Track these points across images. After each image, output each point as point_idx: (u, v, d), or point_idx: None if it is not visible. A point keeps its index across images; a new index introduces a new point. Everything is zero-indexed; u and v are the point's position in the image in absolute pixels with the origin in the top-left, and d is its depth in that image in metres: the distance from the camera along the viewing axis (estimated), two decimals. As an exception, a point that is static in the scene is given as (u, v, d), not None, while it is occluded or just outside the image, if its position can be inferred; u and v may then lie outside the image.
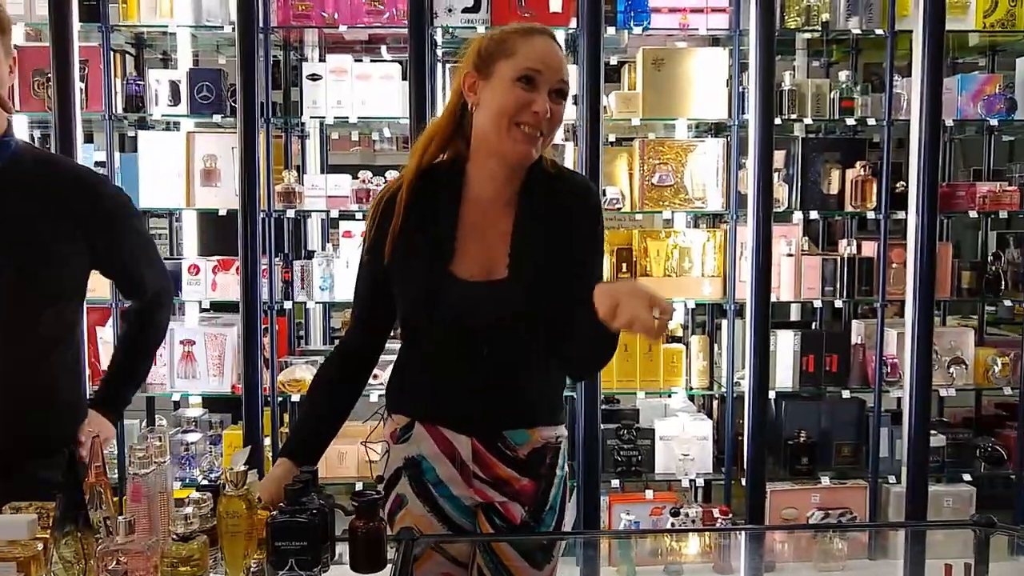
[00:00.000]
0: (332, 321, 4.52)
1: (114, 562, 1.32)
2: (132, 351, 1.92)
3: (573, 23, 3.35)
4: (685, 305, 3.70)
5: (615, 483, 3.50)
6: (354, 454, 3.35)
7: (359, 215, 3.38)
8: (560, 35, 3.53)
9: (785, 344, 3.55)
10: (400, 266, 1.65)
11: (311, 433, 1.74)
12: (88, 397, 1.89)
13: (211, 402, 3.72)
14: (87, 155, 3.31)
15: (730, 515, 3.38)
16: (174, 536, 1.33)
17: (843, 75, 3.49)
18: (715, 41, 3.65)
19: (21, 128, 3.55)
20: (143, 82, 3.42)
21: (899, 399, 3.52)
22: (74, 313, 1.78)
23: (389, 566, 1.45)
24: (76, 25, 3.09)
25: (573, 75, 3.36)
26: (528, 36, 1.61)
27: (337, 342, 1.83)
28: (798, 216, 3.57)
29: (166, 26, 3.39)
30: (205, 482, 3.31)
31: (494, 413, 1.68)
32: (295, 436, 1.79)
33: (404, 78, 3.41)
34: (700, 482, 3.59)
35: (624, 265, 3.45)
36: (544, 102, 1.58)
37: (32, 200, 1.64)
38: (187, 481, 3.33)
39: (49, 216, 1.64)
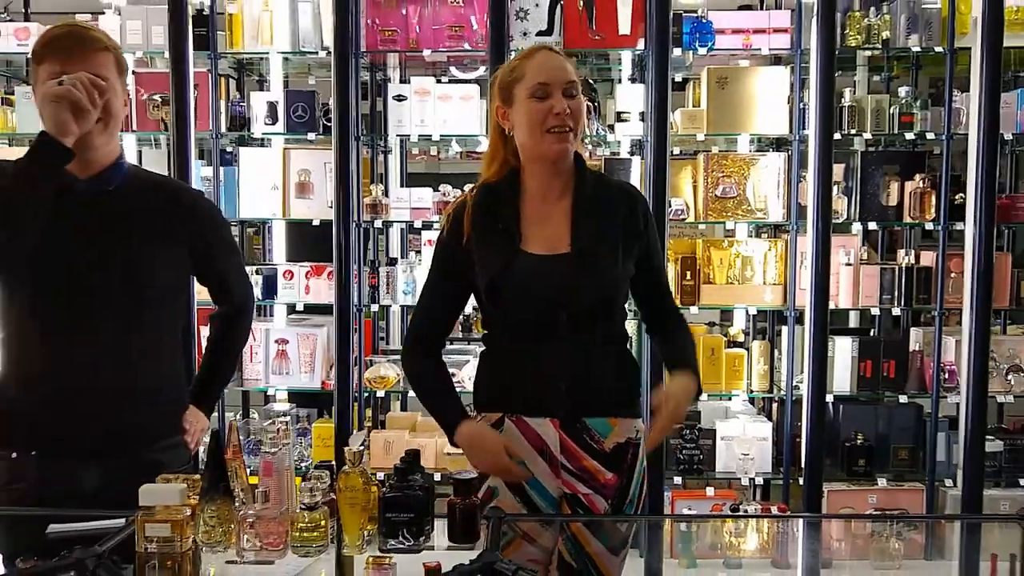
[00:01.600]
0: (408, 321, 4.74)
1: (253, 526, 1.51)
2: (220, 352, 2.07)
3: (641, 44, 3.48)
4: (747, 312, 3.79)
5: (677, 480, 3.61)
6: (432, 447, 3.53)
7: (439, 225, 3.57)
8: (627, 56, 3.68)
9: (843, 350, 3.61)
10: (479, 254, 1.84)
11: (455, 397, 1.93)
12: None
13: (298, 397, 3.95)
14: (196, 171, 3.56)
15: (788, 513, 3.45)
16: (302, 505, 1.52)
17: (903, 91, 3.55)
18: (777, 60, 3.73)
19: (133, 146, 3.84)
20: (245, 103, 3.67)
21: (956, 405, 3.55)
22: (177, 315, 1.97)
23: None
24: (191, 54, 3.34)
25: (640, 94, 3.51)
26: (530, 57, 1.84)
27: (408, 337, 2.01)
28: (857, 227, 3.64)
29: (267, 52, 3.63)
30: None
31: (574, 394, 1.82)
32: (455, 402, 1.92)
33: (482, 97, 3.60)
34: (759, 481, 3.68)
35: (688, 273, 3.56)
36: (560, 102, 1.79)
37: (141, 215, 1.82)
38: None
39: (155, 229, 1.82)
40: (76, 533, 1.63)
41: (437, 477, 3.52)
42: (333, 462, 1.70)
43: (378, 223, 3.63)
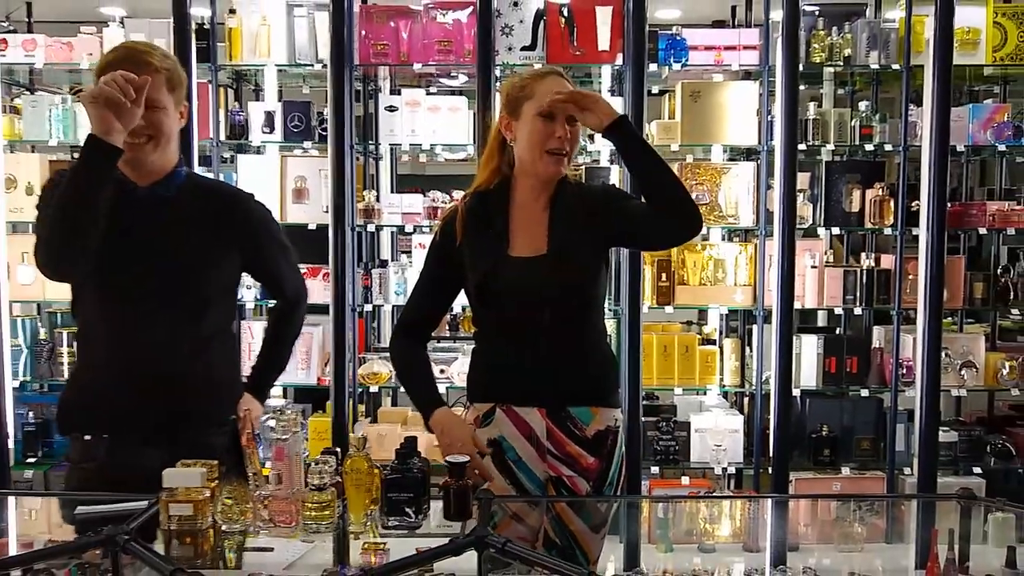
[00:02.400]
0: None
1: (266, 506, 1.65)
2: (274, 344, 2.19)
3: (619, 59, 3.63)
4: (719, 311, 3.96)
5: (655, 470, 3.77)
6: (423, 439, 3.65)
7: (429, 229, 3.72)
8: (607, 70, 3.83)
9: (809, 347, 3.79)
10: (470, 256, 1.99)
11: (434, 385, 2.10)
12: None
13: (293, 392, 4.07)
14: (198, 177, 3.67)
15: (756, 494, 3.61)
16: (311, 487, 1.66)
17: (863, 105, 3.73)
18: (747, 75, 3.90)
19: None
20: (244, 113, 3.80)
21: (914, 398, 3.73)
22: (229, 309, 2.09)
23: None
24: (195, 66, 3.46)
25: (619, 106, 3.65)
26: (542, 80, 1.95)
27: (398, 324, 2.18)
28: (823, 232, 3.81)
29: (265, 64, 3.75)
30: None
31: (559, 385, 1.98)
32: (431, 388, 2.10)
33: (469, 108, 3.74)
34: (732, 470, 3.84)
35: (663, 275, 3.72)
36: (562, 128, 1.92)
37: (197, 220, 1.95)
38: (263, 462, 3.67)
39: (208, 230, 1.95)
40: (105, 514, 1.77)
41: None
42: (338, 448, 1.83)
43: (371, 227, 3.76)
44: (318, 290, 3.72)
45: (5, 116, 3.75)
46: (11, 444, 3.66)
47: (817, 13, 3.71)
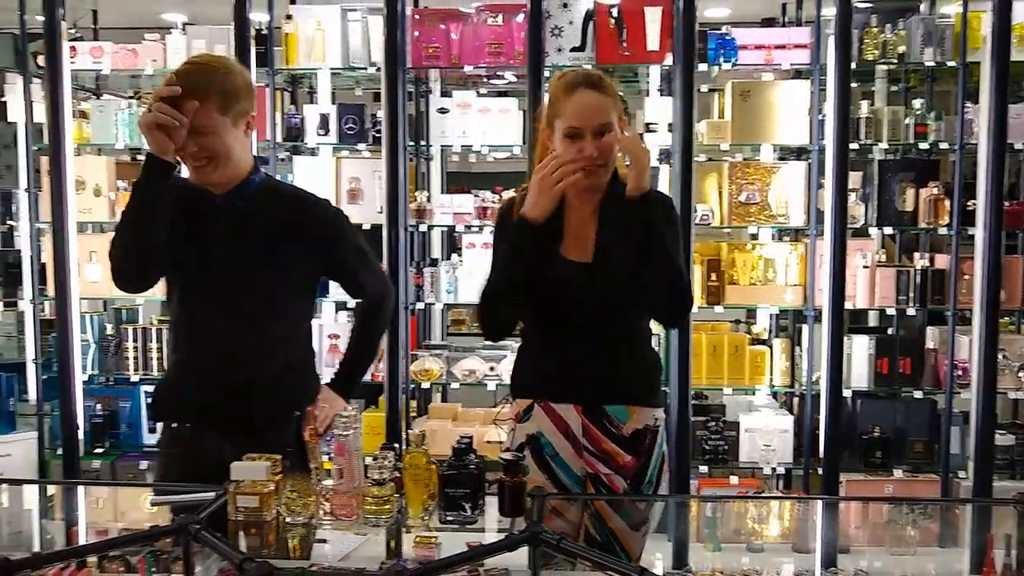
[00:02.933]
0: (448, 319, 4.94)
1: (328, 499, 1.70)
2: (358, 343, 2.23)
3: (668, 59, 3.62)
4: (769, 311, 3.93)
5: (703, 469, 3.76)
6: (472, 435, 3.69)
7: (481, 229, 3.76)
8: (655, 70, 3.83)
9: (861, 348, 3.74)
10: None
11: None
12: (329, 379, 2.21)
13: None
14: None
15: (806, 495, 3.58)
16: (371, 481, 1.70)
17: (917, 103, 3.67)
18: (797, 73, 3.86)
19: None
20: (300, 115, 3.88)
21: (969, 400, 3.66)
22: (304, 310, 2.14)
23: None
24: (254, 70, 3.55)
25: (667, 106, 3.66)
26: (569, 94, 1.94)
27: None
28: (875, 231, 3.76)
29: (319, 68, 3.83)
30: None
31: (595, 384, 2.00)
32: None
33: (519, 110, 3.77)
34: (781, 471, 3.82)
35: (713, 275, 3.71)
36: (589, 146, 1.91)
37: (269, 225, 2.01)
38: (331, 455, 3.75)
39: (281, 236, 2.01)
40: (176, 503, 1.84)
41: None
42: (397, 444, 1.87)
43: (423, 227, 3.82)
44: (371, 288, 3.79)
45: (74, 121, 3.88)
46: (80, 435, 3.79)
47: (870, 10, 3.66)
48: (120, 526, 2.13)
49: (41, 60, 3.80)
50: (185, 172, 2.03)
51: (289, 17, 3.80)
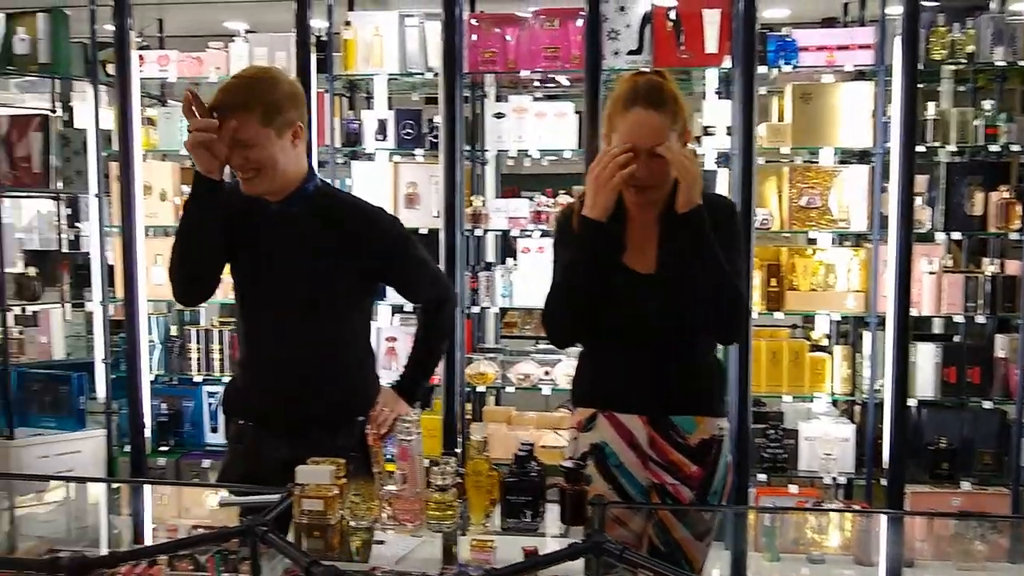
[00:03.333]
0: (501, 322, 4.94)
1: (391, 504, 1.71)
2: (419, 347, 2.24)
3: (727, 62, 3.57)
4: (829, 317, 3.85)
5: (761, 477, 3.70)
6: (528, 439, 3.69)
7: (535, 233, 3.76)
8: (713, 74, 3.78)
9: (926, 356, 3.64)
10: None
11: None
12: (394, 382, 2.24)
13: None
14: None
15: (868, 508, 3.50)
16: (434, 487, 1.71)
17: (987, 104, 3.55)
18: (860, 74, 3.77)
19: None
20: (358, 121, 3.92)
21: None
22: (360, 315, 2.16)
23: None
24: (314, 77, 3.61)
25: (726, 109, 3.60)
26: (625, 112, 1.88)
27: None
28: (941, 236, 3.65)
29: (377, 74, 3.87)
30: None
31: (661, 395, 1.97)
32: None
33: (575, 113, 3.76)
34: (842, 480, 3.73)
35: (773, 280, 3.65)
36: (642, 167, 1.85)
37: (321, 234, 2.04)
38: (388, 457, 3.78)
39: (333, 245, 2.04)
40: (243, 504, 1.88)
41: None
42: (458, 450, 1.88)
43: (478, 231, 3.83)
44: (427, 292, 3.81)
45: (142, 127, 3.99)
46: (147, 434, 3.90)
47: (937, 8, 3.56)
48: (187, 523, 2.17)
49: (111, 68, 3.91)
50: None
51: (348, 23, 3.85)
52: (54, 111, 4.90)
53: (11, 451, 4.19)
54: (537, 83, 4.26)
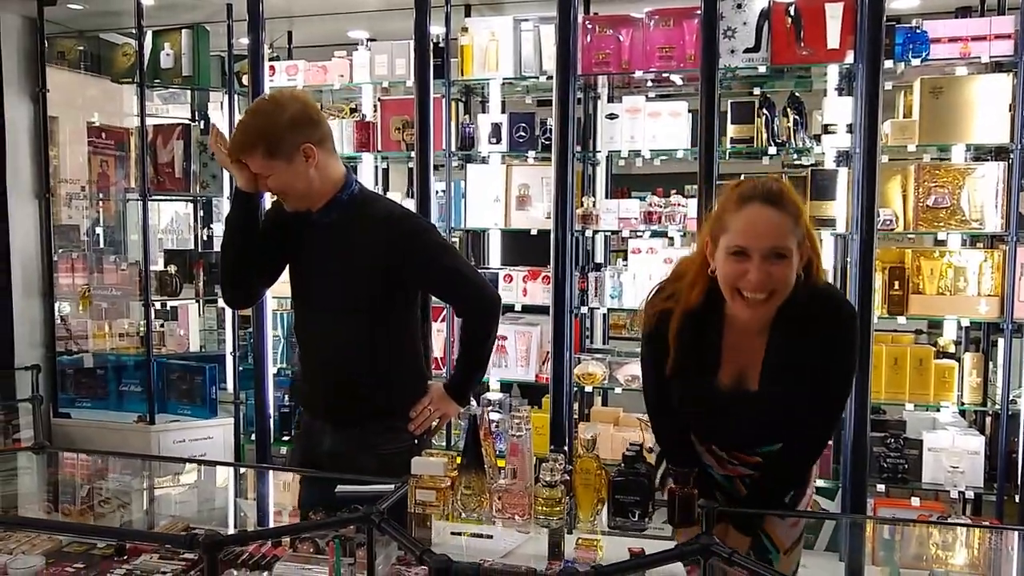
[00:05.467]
0: (609, 323, 4.91)
1: (500, 497, 1.73)
2: (464, 352, 2.28)
3: (850, 57, 3.42)
4: (959, 323, 3.63)
5: (880, 488, 3.53)
6: (607, 437, 3.63)
7: (647, 234, 3.72)
8: (834, 70, 3.62)
9: (1067, 365, 3.38)
10: (678, 375, 1.82)
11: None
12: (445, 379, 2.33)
13: (507, 388, 4.21)
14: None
15: (1000, 524, 3.28)
16: (544, 483, 1.72)
17: None
18: (998, 66, 3.54)
19: (376, 164, 4.28)
20: (473, 124, 3.99)
21: None
22: (406, 318, 2.19)
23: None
24: (432, 82, 3.69)
25: (847, 106, 3.46)
26: (740, 209, 1.68)
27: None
28: (1087, 238, 3.37)
29: (493, 78, 3.92)
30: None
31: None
32: None
33: (689, 111, 3.69)
34: (970, 495, 3.51)
35: (896, 283, 3.47)
36: (757, 270, 1.65)
37: (356, 242, 2.11)
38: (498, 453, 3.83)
39: (368, 252, 2.10)
40: (357, 494, 1.94)
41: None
42: (566, 447, 1.90)
43: (588, 232, 3.82)
44: (538, 292, 3.84)
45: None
46: (271, 424, 4.09)
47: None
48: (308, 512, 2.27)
49: (245, 79, 4.12)
50: None
51: (465, 29, 3.91)
52: (194, 120, 5.21)
53: (151, 435, 4.50)
54: (651, 83, 4.20)
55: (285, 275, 2.30)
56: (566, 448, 1.86)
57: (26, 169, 4.66)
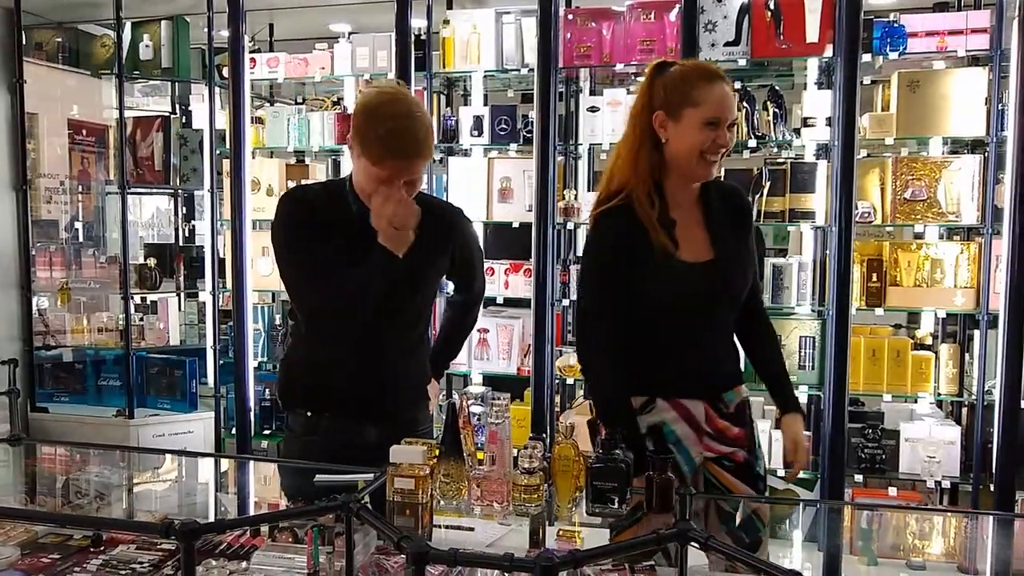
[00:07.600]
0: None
1: (479, 485, 1.74)
2: (455, 331, 2.39)
3: (829, 51, 3.45)
4: (935, 314, 3.67)
5: (858, 478, 3.56)
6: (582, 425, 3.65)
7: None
8: (814, 64, 3.65)
9: (1041, 356, 3.42)
10: (635, 259, 1.99)
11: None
12: None
13: (490, 381, 4.22)
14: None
15: (974, 510, 3.32)
16: (522, 469, 1.73)
17: (1115, 89, 3.30)
18: (975, 60, 3.58)
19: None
20: (455, 117, 3.98)
21: None
22: (432, 304, 2.33)
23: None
24: (413, 75, 3.68)
25: (827, 100, 3.48)
26: (709, 85, 1.93)
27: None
28: (1060, 230, 3.41)
29: (474, 71, 3.92)
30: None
31: (719, 379, 2.06)
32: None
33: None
34: (946, 484, 3.56)
35: (874, 275, 3.50)
36: (724, 136, 1.94)
37: (421, 230, 2.09)
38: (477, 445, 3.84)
39: (430, 240, 2.10)
40: (338, 483, 1.94)
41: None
42: (545, 435, 1.91)
43: (570, 225, 3.83)
44: (520, 285, 3.85)
45: (252, 126, 4.16)
46: (251, 418, 4.07)
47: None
48: (285, 501, 2.27)
49: (226, 72, 4.10)
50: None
51: (446, 22, 3.91)
52: (174, 112, 5.17)
53: (130, 429, 4.46)
54: (632, 76, 4.21)
55: (266, 269, 2.29)
56: (545, 436, 1.86)
57: (3, 161, 4.61)
